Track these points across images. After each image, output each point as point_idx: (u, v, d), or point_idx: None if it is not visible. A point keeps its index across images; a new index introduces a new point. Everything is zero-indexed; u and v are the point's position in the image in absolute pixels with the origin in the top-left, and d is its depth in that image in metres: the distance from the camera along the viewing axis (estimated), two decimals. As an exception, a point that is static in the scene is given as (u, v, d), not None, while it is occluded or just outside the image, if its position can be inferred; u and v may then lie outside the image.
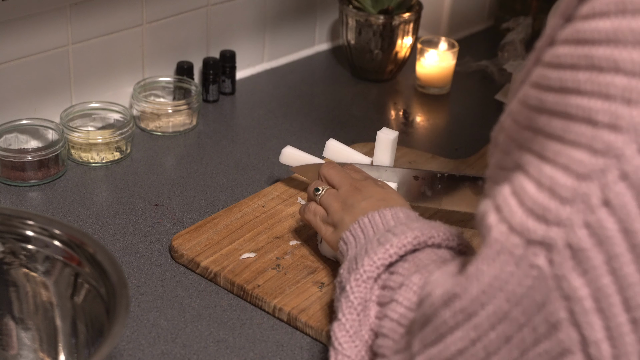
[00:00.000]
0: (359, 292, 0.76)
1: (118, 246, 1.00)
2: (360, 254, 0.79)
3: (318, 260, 0.97)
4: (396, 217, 0.84)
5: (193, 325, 0.89)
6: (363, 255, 0.78)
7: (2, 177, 1.09)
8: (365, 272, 0.77)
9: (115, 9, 1.21)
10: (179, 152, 1.21)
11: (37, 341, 0.83)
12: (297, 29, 1.48)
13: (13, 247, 0.80)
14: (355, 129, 1.30)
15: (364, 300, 0.76)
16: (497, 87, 1.45)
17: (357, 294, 0.76)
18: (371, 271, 0.77)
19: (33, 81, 1.16)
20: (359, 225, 0.85)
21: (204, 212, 1.07)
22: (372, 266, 0.77)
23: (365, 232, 0.84)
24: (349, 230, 0.85)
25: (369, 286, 0.76)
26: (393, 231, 0.80)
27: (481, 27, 1.68)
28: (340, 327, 0.76)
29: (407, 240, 0.77)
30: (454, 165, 1.18)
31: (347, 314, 0.76)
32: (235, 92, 1.37)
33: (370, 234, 0.83)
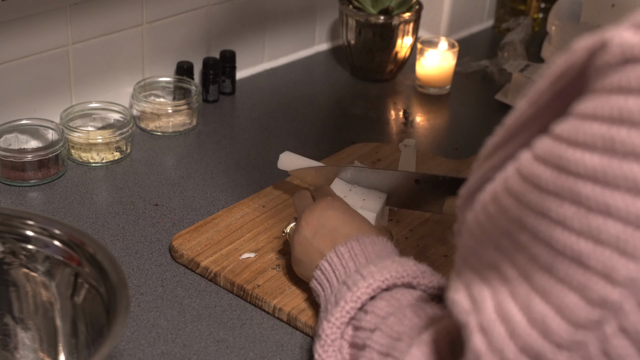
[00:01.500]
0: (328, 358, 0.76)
1: (118, 246, 1.00)
2: (322, 316, 0.79)
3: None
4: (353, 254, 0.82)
5: (193, 325, 0.89)
6: (322, 319, 0.78)
7: (2, 177, 1.09)
8: (328, 337, 0.77)
9: (115, 9, 1.21)
10: (179, 152, 1.21)
11: (37, 341, 0.83)
12: (297, 29, 1.48)
13: (13, 247, 0.80)
14: (355, 129, 1.30)
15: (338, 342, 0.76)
16: (497, 87, 1.45)
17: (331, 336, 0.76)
18: (334, 333, 0.76)
19: (33, 81, 1.16)
20: (322, 271, 0.84)
21: (204, 212, 1.07)
22: (333, 328, 0.77)
23: (329, 278, 0.83)
24: (314, 280, 0.85)
25: (337, 347, 0.76)
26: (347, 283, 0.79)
27: (481, 27, 1.68)
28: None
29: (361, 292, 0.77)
30: (453, 166, 1.17)
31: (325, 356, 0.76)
32: (235, 92, 1.37)
33: (333, 281, 0.82)
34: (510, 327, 0.54)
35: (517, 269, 0.55)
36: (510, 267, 0.55)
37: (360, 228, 0.86)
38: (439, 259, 0.99)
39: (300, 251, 0.88)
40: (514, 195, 0.54)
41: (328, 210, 0.88)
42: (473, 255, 0.59)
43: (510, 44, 1.49)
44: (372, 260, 0.81)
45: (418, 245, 1.01)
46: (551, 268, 0.52)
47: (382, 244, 0.84)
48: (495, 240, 0.56)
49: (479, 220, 0.58)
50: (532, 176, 0.53)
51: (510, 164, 0.56)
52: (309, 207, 0.90)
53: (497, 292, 0.56)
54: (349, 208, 0.90)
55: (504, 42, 1.50)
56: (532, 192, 0.53)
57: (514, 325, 0.54)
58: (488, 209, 0.57)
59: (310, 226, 0.88)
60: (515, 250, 0.55)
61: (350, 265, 0.81)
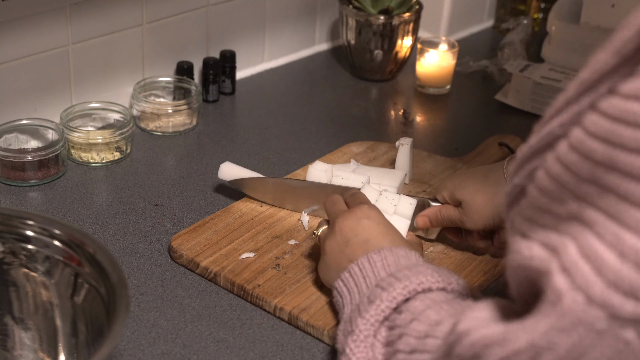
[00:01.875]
0: (360, 353, 0.76)
1: (118, 246, 1.00)
2: (354, 314, 0.79)
3: (318, 259, 0.97)
4: (385, 264, 0.82)
5: (193, 325, 0.89)
6: (356, 316, 0.78)
7: (2, 177, 1.09)
8: (361, 332, 0.76)
9: (115, 9, 1.21)
10: (179, 152, 1.21)
11: (37, 341, 0.83)
12: (297, 29, 1.48)
13: (13, 247, 0.80)
14: (355, 129, 1.30)
15: None
16: (497, 87, 1.45)
17: (358, 354, 0.76)
18: (367, 330, 0.76)
19: (33, 81, 1.16)
20: (350, 274, 0.83)
21: (204, 212, 1.07)
22: (367, 324, 0.76)
23: (357, 282, 0.82)
24: (340, 280, 0.84)
25: (369, 344, 0.76)
26: (381, 285, 0.78)
27: (481, 27, 1.68)
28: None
29: (397, 292, 0.76)
30: (450, 164, 1.18)
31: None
32: (235, 92, 1.37)
33: (362, 286, 0.81)
34: (597, 265, 0.54)
35: (604, 212, 0.54)
36: (594, 212, 0.55)
37: (394, 242, 0.86)
38: (438, 257, 0.99)
39: (331, 257, 0.88)
40: (603, 136, 0.54)
41: (363, 220, 0.87)
42: (544, 213, 0.59)
43: (510, 44, 1.49)
44: (405, 266, 0.81)
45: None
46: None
47: (415, 258, 0.83)
48: (575, 189, 0.56)
49: (554, 174, 0.58)
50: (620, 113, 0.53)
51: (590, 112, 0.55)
52: (344, 214, 0.89)
53: (580, 238, 0.55)
54: (384, 219, 0.89)
55: (504, 42, 1.50)
56: (624, 129, 0.53)
57: (601, 262, 0.54)
58: (567, 158, 0.57)
59: (344, 234, 0.87)
60: (602, 194, 0.54)
61: (382, 274, 0.81)
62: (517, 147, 1.23)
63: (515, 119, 1.36)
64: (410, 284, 0.77)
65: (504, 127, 1.34)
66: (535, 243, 0.59)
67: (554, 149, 0.58)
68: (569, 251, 0.55)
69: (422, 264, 0.81)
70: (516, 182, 0.63)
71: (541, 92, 1.35)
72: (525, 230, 0.61)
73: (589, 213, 0.55)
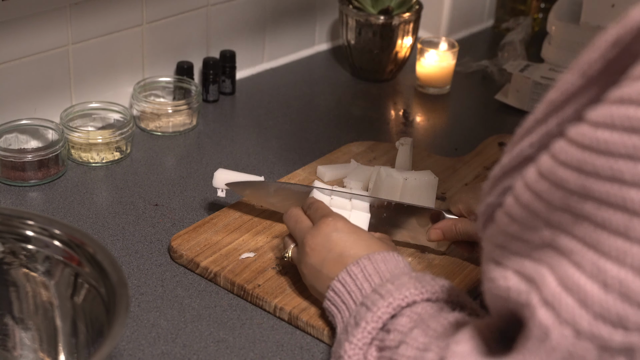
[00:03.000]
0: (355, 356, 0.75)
1: (118, 246, 1.00)
2: (342, 336, 0.78)
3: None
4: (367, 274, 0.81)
5: (193, 325, 0.89)
6: (344, 340, 0.77)
7: (2, 177, 1.09)
8: (350, 358, 0.75)
9: (115, 9, 1.21)
10: (179, 152, 1.21)
11: (37, 341, 0.83)
12: (297, 29, 1.48)
13: (13, 247, 0.80)
14: (355, 129, 1.30)
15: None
16: (497, 87, 1.45)
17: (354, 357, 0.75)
18: (356, 354, 0.75)
19: (33, 81, 1.16)
20: (335, 292, 0.83)
21: (204, 212, 1.07)
22: (355, 349, 0.75)
23: (344, 299, 0.82)
24: (327, 300, 0.84)
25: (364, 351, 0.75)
26: (365, 303, 0.78)
27: (481, 27, 1.68)
28: None
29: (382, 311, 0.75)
30: (450, 164, 1.18)
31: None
32: (235, 92, 1.37)
33: (350, 302, 0.81)
34: (581, 297, 0.53)
35: (580, 240, 0.54)
36: (570, 240, 0.54)
37: (369, 246, 0.85)
38: (437, 257, 0.99)
39: (311, 278, 0.87)
40: (574, 165, 0.53)
41: (332, 234, 0.86)
42: (516, 240, 0.58)
43: (510, 44, 1.49)
44: (387, 278, 0.80)
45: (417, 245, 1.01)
46: (627, 230, 0.51)
47: (394, 260, 0.82)
48: (547, 217, 0.55)
49: (523, 202, 0.57)
50: (590, 141, 0.52)
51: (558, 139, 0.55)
52: (310, 232, 0.87)
53: (557, 267, 0.55)
54: (352, 226, 0.87)
55: (504, 42, 1.50)
56: (598, 157, 0.52)
57: (584, 294, 0.53)
58: (537, 186, 0.56)
59: (316, 253, 0.86)
60: (576, 222, 0.54)
61: (366, 286, 0.80)
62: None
63: (515, 119, 1.35)
64: (394, 301, 0.76)
65: (504, 127, 1.34)
66: (510, 272, 0.58)
67: (522, 175, 0.58)
68: (548, 283, 0.55)
69: (405, 273, 0.80)
70: (489, 202, 0.62)
71: (541, 92, 1.35)
72: (497, 257, 0.60)
73: (564, 241, 0.55)
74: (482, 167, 1.17)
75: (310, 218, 0.91)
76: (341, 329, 0.80)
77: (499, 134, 1.25)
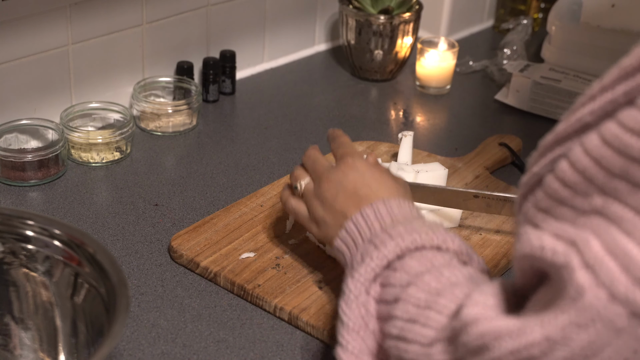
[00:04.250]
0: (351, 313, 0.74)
1: (118, 246, 1.00)
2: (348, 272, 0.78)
3: (318, 259, 0.97)
4: (379, 216, 0.81)
5: (193, 325, 0.89)
6: (348, 276, 0.77)
7: (2, 177, 1.09)
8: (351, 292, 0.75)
9: (115, 9, 1.21)
10: (179, 152, 1.21)
11: (37, 341, 0.83)
12: (297, 29, 1.48)
13: (13, 247, 0.80)
14: (355, 129, 1.30)
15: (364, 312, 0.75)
16: (497, 87, 1.45)
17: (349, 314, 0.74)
18: (357, 289, 0.75)
19: (33, 81, 1.16)
20: (347, 231, 0.82)
21: (204, 212, 1.07)
22: (357, 284, 0.75)
23: (354, 239, 0.81)
24: (339, 239, 0.83)
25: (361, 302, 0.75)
26: (374, 242, 0.77)
27: (481, 27, 1.68)
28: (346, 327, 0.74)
29: (389, 250, 0.75)
30: (450, 164, 1.18)
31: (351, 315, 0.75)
32: (235, 92, 1.37)
33: (359, 241, 0.80)
34: (625, 261, 0.53)
35: (633, 208, 0.54)
36: (622, 208, 0.55)
37: (382, 186, 0.85)
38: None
39: (322, 212, 0.87)
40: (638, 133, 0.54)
41: (349, 172, 0.86)
42: (562, 205, 0.59)
43: (510, 44, 1.49)
44: (399, 221, 0.79)
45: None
46: None
47: (408, 207, 0.82)
48: (603, 184, 0.56)
49: (581, 167, 0.57)
50: None
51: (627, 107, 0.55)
52: (329, 169, 0.88)
53: (604, 233, 0.55)
54: (370, 167, 0.87)
55: (504, 42, 1.50)
56: None
57: (629, 259, 0.53)
58: (598, 152, 0.56)
59: (332, 187, 0.86)
60: (632, 190, 0.54)
61: (376, 225, 0.80)
62: (517, 147, 1.23)
63: (515, 119, 1.36)
64: (402, 242, 0.75)
65: (504, 127, 1.34)
66: (547, 234, 0.58)
67: (582, 142, 0.58)
68: (592, 246, 0.55)
69: (417, 218, 0.80)
70: (535, 171, 0.62)
71: (541, 92, 1.35)
72: (538, 221, 0.60)
73: (617, 209, 0.55)
74: (482, 167, 1.17)
75: (333, 151, 0.92)
76: (349, 265, 0.80)
77: (499, 134, 1.25)
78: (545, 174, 0.61)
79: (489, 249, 1.01)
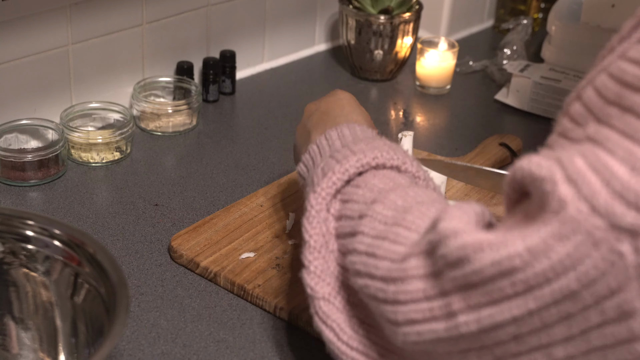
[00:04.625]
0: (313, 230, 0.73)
1: (118, 246, 1.00)
2: (309, 188, 0.77)
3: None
4: (341, 135, 0.81)
5: (193, 325, 0.89)
6: (309, 191, 0.76)
7: (2, 177, 1.10)
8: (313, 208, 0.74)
9: (115, 9, 1.21)
10: (179, 152, 1.21)
11: (37, 341, 0.83)
12: (297, 29, 1.48)
13: (13, 247, 0.80)
14: (355, 129, 1.30)
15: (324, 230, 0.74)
16: (497, 87, 1.45)
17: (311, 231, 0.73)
18: (319, 204, 0.74)
19: (33, 81, 1.16)
20: (309, 153, 0.82)
21: (204, 212, 1.07)
22: (318, 199, 0.74)
23: (314, 159, 0.81)
24: (301, 163, 0.83)
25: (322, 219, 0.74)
26: (335, 157, 0.77)
27: (481, 27, 1.68)
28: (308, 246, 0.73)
29: (350, 164, 0.75)
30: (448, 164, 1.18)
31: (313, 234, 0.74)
32: (235, 92, 1.37)
33: (318, 160, 0.80)
34: (606, 176, 0.55)
35: (619, 130, 0.56)
36: (609, 131, 0.56)
37: (350, 113, 0.86)
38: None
39: (298, 137, 0.90)
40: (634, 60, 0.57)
41: (329, 97, 0.90)
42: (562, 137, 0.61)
43: (510, 44, 1.49)
44: (360, 139, 0.79)
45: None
46: None
47: (372, 134, 0.82)
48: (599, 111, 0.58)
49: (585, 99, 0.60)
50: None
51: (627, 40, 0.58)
52: None
53: (589, 153, 0.56)
54: (350, 98, 0.89)
55: (504, 42, 1.50)
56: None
57: (610, 174, 0.55)
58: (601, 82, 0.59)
59: (309, 111, 0.90)
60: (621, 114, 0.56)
61: (337, 143, 0.80)
62: (517, 147, 1.24)
63: (515, 119, 1.36)
64: (364, 157, 0.75)
65: (504, 127, 1.34)
66: (536, 157, 0.59)
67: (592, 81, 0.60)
68: (576, 163, 0.56)
69: (379, 139, 0.80)
70: None
71: (541, 92, 1.35)
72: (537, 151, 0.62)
73: (604, 132, 0.56)
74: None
75: None
76: (308, 183, 0.79)
77: (499, 134, 1.25)
78: None
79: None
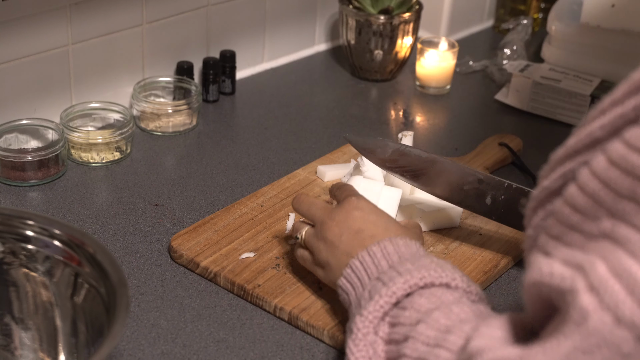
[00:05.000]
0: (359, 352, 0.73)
1: (118, 246, 1.00)
2: (355, 310, 0.77)
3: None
4: (386, 253, 0.79)
5: (193, 325, 0.89)
6: (355, 314, 0.75)
7: (2, 177, 1.09)
8: (359, 331, 0.74)
9: (115, 9, 1.21)
10: (179, 152, 1.21)
11: (37, 341, 0.83)
12: (297, 29, 1.48)
13: (13, 247, 0.80)
14: (355, 129, 1.30)
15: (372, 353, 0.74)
16: (497, 87, 1.45)
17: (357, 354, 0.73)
18: (366, 327, 0.74)
19: (33, 81, 1.16)
20: (352, 269, 0.81)
21: (204, 212, 1.07)
22: (365, 322, 0.74)
23: (360, 277, 0.80)
24: (343, 278, 0.81)
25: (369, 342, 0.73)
26: (382, 279, 0.76)
27: (481, 27, 1.68)
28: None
29: (397, 287, 0.74)
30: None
31: None
32: (235, 92, 1.37)
33: (365, 279, 0.79)
34: (630, 283, 0.51)
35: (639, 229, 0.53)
36: (629, 230, 0.53)
37: (387, 228, 0.83)
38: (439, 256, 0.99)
39: (327, 253, 0.85)
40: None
41: (353, 212, 0.85)
42: (574, 232, 0.57)
43: (510, 44, 1.49)
44: (406, 259, 0.78)
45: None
46: None
47: (415, 247, 0.81)
48: (612, 206, 0.54)
49: (590, 190, 0.56)
50: None
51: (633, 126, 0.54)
52: (333, 209, 0.87)
53: (610, 256, 0.53)
54: (374, 207, 0.86)
55: (504, 42, 1.50)
56: None
57: (634, 281, 0.51)
58: (606, 174, 0.55)
59: (336, 228, 0.84)
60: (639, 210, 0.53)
61: (383, 263, 0.78)
62: (517, 147, 1.24)
63: (515, 119, 1.36)
64: (411, 278, 0.74)
65: (504, 127, 1.34)
66: (557, 261, 0.57)
67: (589, 164, 0.56)
68: (598, 270, 0.53)
69: (425, 256, 0.79)
70: (546, 185, 0.61)
71: (541, 92, 1.35)
72: (550, 249, 0.59)
73: (623, 231, 0.53)
74: (483, 167, 1.17)
75: (336, 196, 0.91)
76: (354, 304, 0.78)
77: (499, 134, 1.25)
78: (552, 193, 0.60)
79: (489, 249, 1.01)
